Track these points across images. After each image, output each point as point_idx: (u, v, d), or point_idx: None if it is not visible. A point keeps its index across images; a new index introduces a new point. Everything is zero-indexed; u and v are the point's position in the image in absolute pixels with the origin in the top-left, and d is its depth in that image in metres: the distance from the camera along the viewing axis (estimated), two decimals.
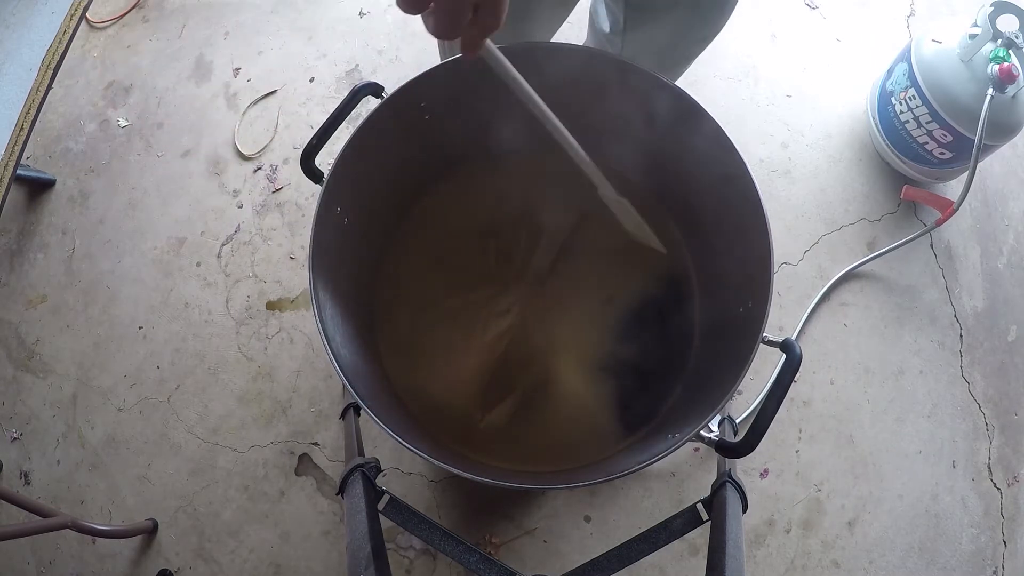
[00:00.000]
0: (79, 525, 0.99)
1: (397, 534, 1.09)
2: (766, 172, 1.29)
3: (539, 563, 1.07)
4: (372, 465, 0.73)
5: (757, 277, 0.71)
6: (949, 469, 1.14)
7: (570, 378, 0.88)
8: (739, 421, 1.11)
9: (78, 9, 1.07)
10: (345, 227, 0.79)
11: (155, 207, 1.31)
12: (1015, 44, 1.05)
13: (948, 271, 1.25)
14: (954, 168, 1.20)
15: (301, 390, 1.18)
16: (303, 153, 0.74)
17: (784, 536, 1.10)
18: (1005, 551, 1.11)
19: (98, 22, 1.46)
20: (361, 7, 1.43)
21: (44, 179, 1.33)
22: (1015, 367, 1.21)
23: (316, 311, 0.69)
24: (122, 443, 1.18)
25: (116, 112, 1.39)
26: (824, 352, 1.19)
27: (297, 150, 1.33)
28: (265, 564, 1.10)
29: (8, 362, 1.24)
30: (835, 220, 1.27)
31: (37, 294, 1.28)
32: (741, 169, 0.73)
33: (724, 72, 1.36)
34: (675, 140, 0.81)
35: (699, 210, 0.87)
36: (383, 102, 0.76)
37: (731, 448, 0.62)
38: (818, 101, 1.35)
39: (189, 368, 1.21)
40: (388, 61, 1.39)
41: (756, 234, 0.72)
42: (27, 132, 1.03)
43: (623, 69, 0.77)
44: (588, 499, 1.11)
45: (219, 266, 1.26)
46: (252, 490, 1.13)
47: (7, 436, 1.20)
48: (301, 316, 1.22)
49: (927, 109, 1.13)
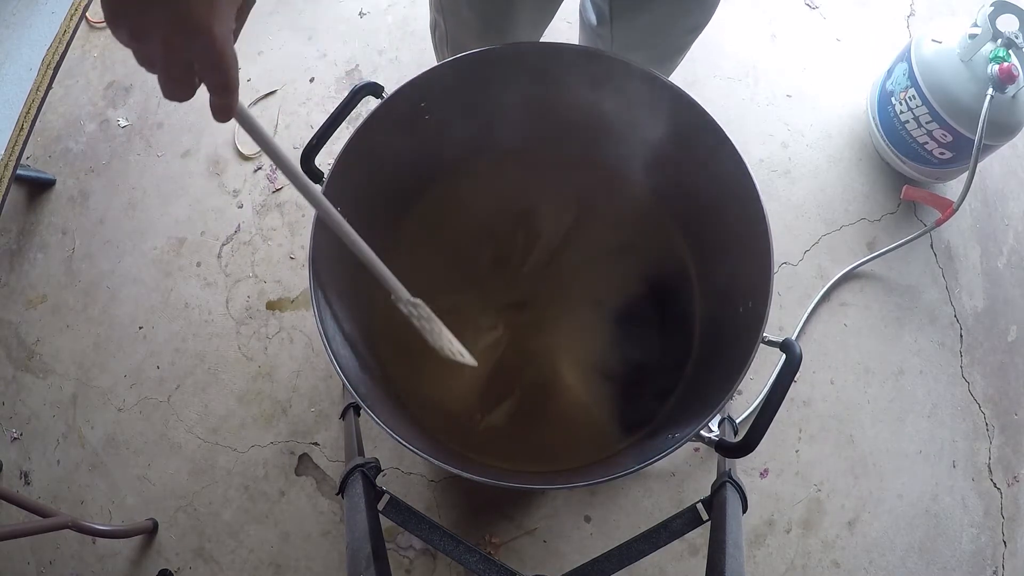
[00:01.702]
0: (79, 525, 0.99)
1: (397, 534, 1.09)
2: (766, 172, 1.29)
3: (539, 563, 1.07)
4: (372, 465, 0.73)
5: (757, 277, 0.71)
6: (949, 469, 1.14)
7: (570, 378, 0.88)
8: (739, 421, 1.11)
9: (78, 9, 1.07)
10: None
11: (155, 207, 1.31)
12: (1015, 44, 1.05)
13: (948, 271, 1.25)
14: (954, 168, 1.20)
15: (301, 390, 1.18)
16: (303, 153, 0.74)
17: (784, 536, 1.10)
18: (1005, 551, 1.11)
19: (98, 22, 1.46)
20: (361, 7, 1.43)
21: (44, 179, 1.33)
22: (1015, 367, 1.21)
23: (316, 311, 0.69)
24: (122, 443, 1.18)
25: (116, 112, 1.39)
26: (824, 352, 1.19)
27: (297, 150, 1.32)
28: (265, 564, 1.10)
29: (8, 362, 1.24)
30: (835, 220, 1.27)
31: (37, 294, 1.28)
32: (741, 169, 0.73)
33: (724, 72, 1.36)
34: (674, 140, 0.81)
35: (699, 210, 0.87)
36: (383, 102, 0.76)
37: (731, 448, 0.62)
38: (818, 101, 1.35)
39: (189, 368, 1.21)
40: (388, 61, 1.39)
41: (756, 234, 0.72)
42: (27, 132, 1.03)
43: (616, 67, 0.77)
44: (588, 499, 1.11)
45: (219, 266, 1.26)
46: (252, 490, 1.13)
47: (7, 436, 1.20)
48: (301, 316, 1.22)
49: (927, 109, 1.13)
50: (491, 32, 0.84)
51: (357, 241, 0.56)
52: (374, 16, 1.42)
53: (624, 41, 0.84)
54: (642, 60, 0.78)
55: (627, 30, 0.83)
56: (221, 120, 0.44)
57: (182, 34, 0.38)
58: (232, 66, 0.41)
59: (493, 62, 0.78)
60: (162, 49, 0.39)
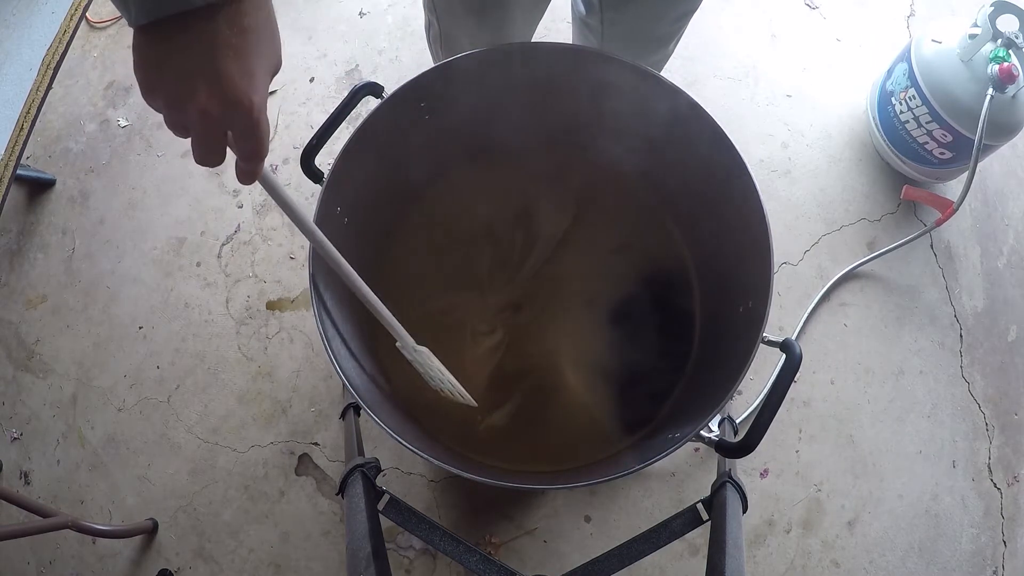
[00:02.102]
0: (79, 525, 0.99)
1: (397, 534, 1.09)
2: (766, 172, 1.29)
3: (539, 563, 1.07)
4: (372, 465, 0.73)
5: (757, 277, 0.71)
6: (949, 469, 1.14)
7: (570, 379, 0.88)
8: (739, 421, 1.11)
9: (78, 9, 1.07)
10: (345, 227, 0.79)
11: (155, 207, 1.31)
12: (1015, 44, 1.05)
13: (948, 271, 1.25)
14: (954, 168, 1.20)
15: (301, 390, 1.18)
16: (303, 153, 0.74)
17: (784, 536, 1.10)
18: (1005, 551, 1.11)
19: (98, 22, 1.46)
20: (361, 7, 1.43)
21: (44, 179, 1.33)
22: (1015, 367, 1.21)
23: (316, 311, 0.69)
24: (122, 443, 1.18)
25: (116, 112, 1.39)
26: (824, 352, 1.19)
27: (297, 150, 1.32)
28: (265, 564, 1.10)
29: (8, 362, 1.24)
30: (835, 220, 1.27)
31: (37, 294, 1.28)
32: (741, 169, 0.73)
33: (724, 72, 1.36)
34: (674, 140, 0.81)
35: (699, 210, 0.87)
36: (383, 102, 0.76)
37: (731, 448, 0.62)
38: (818, 101, 1.35)
39: (189, 368, 1.21)
40: (388, 61, 1.39)
41: (756, 234, 0.72)
42: (27, 132, 1.03)
43: (616, 67, 0.77)
44: (588, 499, 1.11)
45: (219, 266, 1.26)
46: (252, 490, 1.13)
47: (7, 436, 1.20)
48: (301, 316, 1.22)
49: (927, 109, 1.13)
50: (484, 30, 0.84)
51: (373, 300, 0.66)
52: (374, 16, 1.42)
53: (614, 30, 0.84)
54: (633, 50, 0.78)
55: (616, 19, 0.83)
56: (245, 183, 0.45)
57: (221, 105, 0.38)
58: (266, 135, 0.42)
59: (492, 62, 0.78)
60: (198, 118, 0.38)
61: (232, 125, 0.40)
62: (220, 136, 0.40)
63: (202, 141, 0.40)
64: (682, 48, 0.94)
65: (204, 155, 0.41)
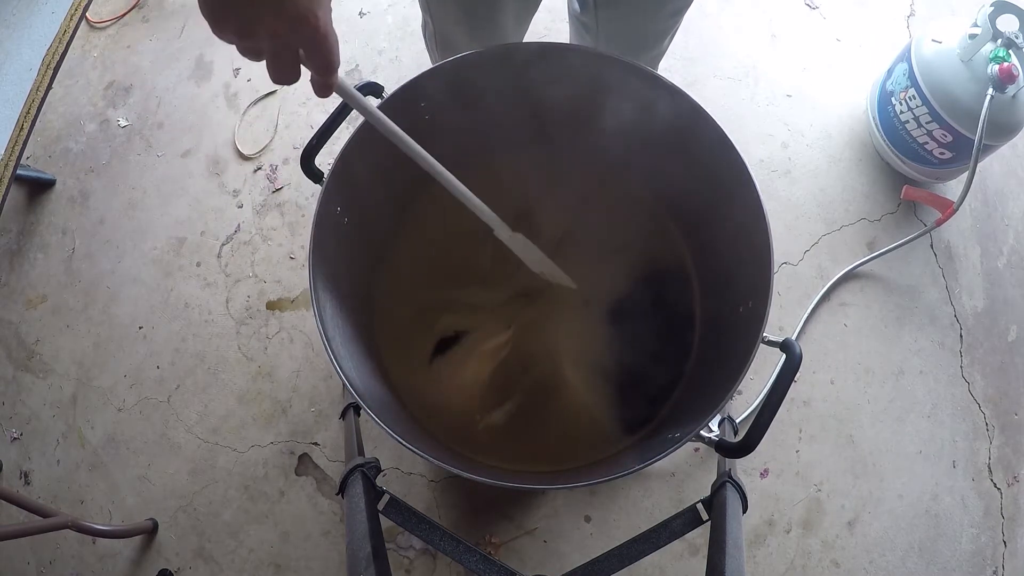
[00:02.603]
0: (79, 525, 0.99)
1: (397, 534, 1.09)
2: (766, 172, 1.29)
3: (539, 563, 1.07)
4: (372, 465, 0.73)
5: (757, 277, 0.71)
6: (949, 469, 1.14)
7: (570, 379, 0.88)
8: (739, 421, 1.11)
9: (78, 9, 1.07)
10: (345, 227, 0.79)
11: (155, 207, 1.31)
12: (1015, 44, 1.05)
13: (948, 271, 1.25)
14: (954, 168, 1.20)
15: (301, 390, 1.18)
16: (303, 153, 0.74)
17: (784, 536, 1.10)
18: (1005, 551, 1.11)
19: (98, 22, 1.46)
20: (361, 7, 1.43)
21: (44, 179, 1.33)
22: (1015, 367, 1.21)
23: (316, 311, 0.69)
24: (122, 443, 1.18)
25: (116, 112, 1.39)
26: (824, 352, 1.19)
27: (297, 150, 1.32)
28: (265, 564, 1.10)
29: (8, 362, 1.24)
30: (835, 220, 1.27)
31: (37, 294, 1.28)
32: (741, 169, 0.73)
33: (724, 72, 1.36)
34: (674, 140, 0.81)
35: (699, 210, 0.87)
36: (383, 102, 0.76)
37: (731, 448, 0.62)
38: (818, 101, 1.35)
39: (189, 368, 1.21)
40: (388, 61, 1.39)
41: (756, 234, 0.72)
42: (27, 132, 1.03)
43: (616, 66, 0.77)
44: (588, 499, 1.11)
45: (219, 266, 1.26)
46: (252, 490, 1.13)
47: (7, 436, 1.20)
48: (301, 316, 1.22)
49: (927, 109, 1.13)
50: (477, 28, 0.85)
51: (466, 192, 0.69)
52: (374, 16, 1.42)
53: (609, 28, 0.85)
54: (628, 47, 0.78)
55: (611, 17, 0.83)
56: (322, 95, 0.48)
57: (288, 25, 0.41)
58: (335, 47, 0.44)
59: (493, 62, 0.78)
60: (269, 41, 0.42)
61: (301, 42, 0.43)
62: (292, 55, 0.43)
63: (276, 62, 0.43)
64: (682, 48, 0.94)
65: (280, 74, 0.44)
